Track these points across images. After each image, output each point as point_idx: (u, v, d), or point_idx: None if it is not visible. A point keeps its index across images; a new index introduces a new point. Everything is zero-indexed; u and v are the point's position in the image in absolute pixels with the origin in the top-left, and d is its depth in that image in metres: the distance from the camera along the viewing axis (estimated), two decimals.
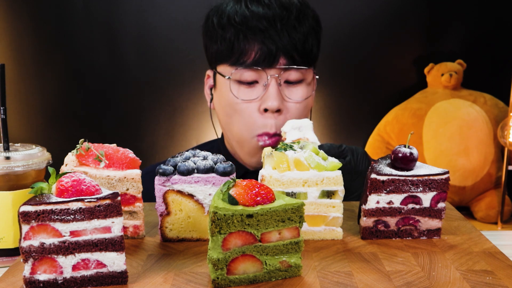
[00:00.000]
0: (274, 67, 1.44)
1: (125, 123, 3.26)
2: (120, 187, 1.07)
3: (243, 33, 1.43)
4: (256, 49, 1.43)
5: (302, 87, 1.49)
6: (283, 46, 1.42)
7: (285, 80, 1.46)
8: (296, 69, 1.45)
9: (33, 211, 0.84)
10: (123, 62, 3.20)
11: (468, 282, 0.89)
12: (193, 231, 1.10)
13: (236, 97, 1.47)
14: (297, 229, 0.91)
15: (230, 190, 0.88)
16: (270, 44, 1.42)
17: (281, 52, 1.43)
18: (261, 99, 1.46)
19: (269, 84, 1.44)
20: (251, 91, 1.47)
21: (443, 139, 3.00)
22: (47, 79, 3.20)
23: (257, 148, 1.50)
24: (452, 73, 3.11)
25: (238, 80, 1.46)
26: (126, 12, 3.12)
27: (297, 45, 1.44)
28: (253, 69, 1.44)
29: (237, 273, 0.90)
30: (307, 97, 1.50)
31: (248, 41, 1.43)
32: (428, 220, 1.10)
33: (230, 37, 1.45)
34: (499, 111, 3.09)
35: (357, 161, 1.31)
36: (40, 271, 0.87)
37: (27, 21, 3.14)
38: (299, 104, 1.48)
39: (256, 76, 1.45)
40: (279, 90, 1.45)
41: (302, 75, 1.48)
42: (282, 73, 1.45)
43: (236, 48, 1.44)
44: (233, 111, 1.49)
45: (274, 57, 1.42)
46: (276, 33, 1.42)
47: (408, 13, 3.21)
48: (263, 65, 1.43)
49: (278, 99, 1.44)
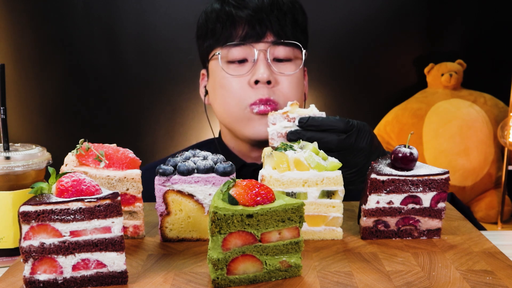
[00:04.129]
0: (262, 41, 1.49)
1: (125, 123, 3.26)
2: (120, 187, 1.07)
3: (232, 17, 1.50)
4: (244, 28, 1.49)
5: (291, 64, 1.54)
6: (270, 23, 1.49)
7: (273, 57, 1.51)
8: (284, 45, 1.51)
9: (33, 211, 0.84)
10: (123, 62, 3.20)
11: (468, 282, 0.89)
12: (193, 231, 1.10)
13: (227, 72, 1.52)
14: (297, 229, 0.91)
15: (230, 190, 0.88)
16: (257, 21, 1.48)
17: (268, 28, 1.49)
18: (251, 73, 1.50)
19: (258, 58, 1.49)
20: (241, 68, 1.52)
21: (443, 139, 3.01)
22: (47, 79, 3.20)
23: (252, 117, 1.51)
24: (452, 73, 3.11)
25: (228, 59, 1.52)
26: (126, 12, 3.12)
27: (284, 23, 1.50)
28: (241, 45, 1.50)
29: (237, 273, 0.90)
30: (296, 72, 1.54)
31: (236, 24, 1.50)
32: (428, 220, 1.10)
33: (219, 26, 1.52)
34: (499, 111, 3.10)
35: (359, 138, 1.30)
36: (40, 271, 0.87)
37: (27, 21, 3.14)
38: (289, 78, 1.52)
39: (245, 53, 1.50)
40: (268, 64, 1.50)
41: (290, 53, 1.53)
42: (270, 49, 1.50)
43: (224, 32, 1.51)
44: (223, 89, 1.54)
45: (261, 32, 1.48)
46: (264, 13, 1.49)
47: (408, 13, 3.22)
48: (250, 40, 1.49)
49: (268, 70, 1.49)
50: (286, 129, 1.25)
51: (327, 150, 1.21)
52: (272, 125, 1.25)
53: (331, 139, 1.24)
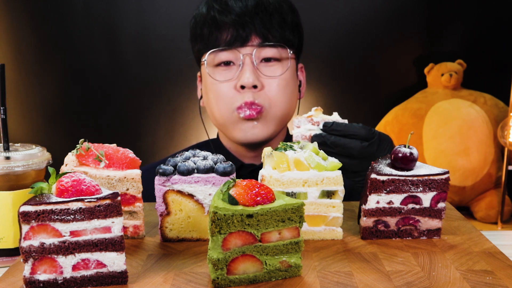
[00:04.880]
0: (247, 45, 1.49)
1: (125, 123, 3.26)
2: (120, 187, 1.07)
3: (216, 22, 1.50)
4: (229, 32, 1.49)
5: (279, 64, 1.53)
6: (254, 26, 1.48)
7: (261, 59, 1.51)
8: (269, 46, 1.50)
9: (33, 211, 0.84)
10: (123, 62, 3.20)
11: (468, 282, 0.89)
12: (193, 231, 1.10)
13: (213, 78, 1.52)
14: (297, 229, 0.91)
15: (230, 190, 0.88)
16: (242, 25, 1.48)
17: (252, 31, 1.48)
18: (237, 78, 1.50)
19: (244, 62, 1.49)
20: (227, 72, 1.52)
21: (443, 139, 3.00)
22: (47, 79, 3.20)
23: (239, 121, 1.51)
24: (452, 73, 3.11)
25: (213, 64, 1.52)
26: (126, 12, 3.12)
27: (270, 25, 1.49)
28: (226, 50, 1.50)
29: (237, 273, 0.90)
30: (283, 74, 1.52)
31: (221, 29, 1.50)
32: (428, 220, 1.10)
33: (206, 31, 1.52)
34: (499, 111, 3.09)
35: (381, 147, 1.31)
36: (40, 271, 0.87)
37: (27, 21, 3.14)
38: (277, 80, 1.51)
39: (231, 56, 1.51)
40: (254, 68, 1.49)
41: (277, 54, 1.52)
42: (256, 52, 1.49)
43: (211, 37, 1.51)
44: (212, 94, 1.54)
45: (246, 36, 1.48)
46: (249, 17, 1.48)
47: (408, 13, 3.21)
48: (235, 45, 1.49)
49: (253, 75, 1.48)
50: (311, 131, 1.28)
51: (349, 156, 1.26)
52: (296, 128, 1.28)
53: (354, 145, 1.26)
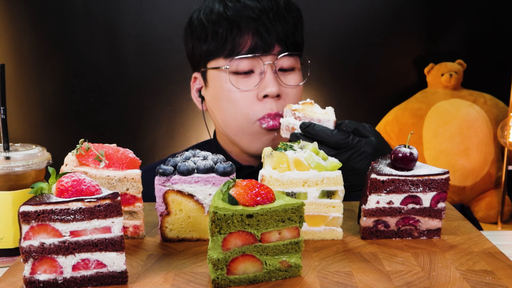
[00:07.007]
0: (270, 53, 1.47)
1: (125, 123, 3.26)
2: (120, 187, 1.07)
3: (237, 24, 1.46)
4: (251, 38, 1.46)
5: (295, 74, 1.53)
6: (277, 33, 1.46)
7: (279, 68, 1.50)
8: (290, 56, 1.49)
9: (33, 211, 0.84)
10: (123, 62, 3.20)
11: (468, 282, 0.89)
12: (193, 231, 1.10)
13: (235, 87, 1.48)
14: (297, 229, 0.91)
15: (230, 190, 0.88)
16: (265, 31, 1.45)
17: (275, 39, 1.46)
18: (259, 87, 1.48)
19: (266, 71, 1.47)
20: (248, 81, 1.48)
21: (443, 139, 3.01)
22: (47, 79, 3.20)
23: (260, 132, 1.49)
24: (452, 73, 3.11)
25: (234, 71, 1.48)
26: (126, 12, 3.12)
27: (288, 32, 1.49)
28: (249, 58, 1.46)
29: (237, 273, 0.90)
30: (301, 83, 1.55)
31: (242, 32, 1.46)
32: (428, 220, 1.10)
33: (222, 32, 1.47)
34: (499, 111, 3.10)
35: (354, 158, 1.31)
36: (40, 271, 0.87)
37: (27, 21, 3.14)
38: (295, 90, 1.52)
39: (252, 65, 1.48)
40: (276, 77, 1.48)
41: (294, 63, 1.52)
42: (277, 61, 1.48)
43: (230, 40, 1.47)
44: (229, 103, 1.50)
45: (269, 43, 1.46)
46: (269, 21, 1.46)
47: (408, 13, 3.22)
48: (259, 52, 1.46)
49: (277, 84, 1.47)
50: (291, 125, 1.33)
51: None
52: (284, 117, 1.35)
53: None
